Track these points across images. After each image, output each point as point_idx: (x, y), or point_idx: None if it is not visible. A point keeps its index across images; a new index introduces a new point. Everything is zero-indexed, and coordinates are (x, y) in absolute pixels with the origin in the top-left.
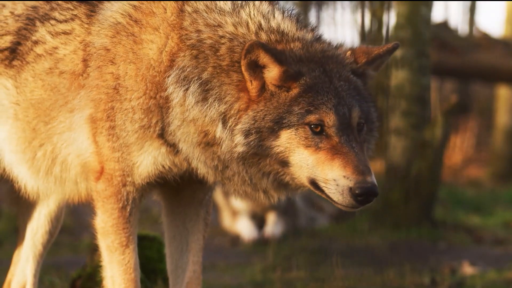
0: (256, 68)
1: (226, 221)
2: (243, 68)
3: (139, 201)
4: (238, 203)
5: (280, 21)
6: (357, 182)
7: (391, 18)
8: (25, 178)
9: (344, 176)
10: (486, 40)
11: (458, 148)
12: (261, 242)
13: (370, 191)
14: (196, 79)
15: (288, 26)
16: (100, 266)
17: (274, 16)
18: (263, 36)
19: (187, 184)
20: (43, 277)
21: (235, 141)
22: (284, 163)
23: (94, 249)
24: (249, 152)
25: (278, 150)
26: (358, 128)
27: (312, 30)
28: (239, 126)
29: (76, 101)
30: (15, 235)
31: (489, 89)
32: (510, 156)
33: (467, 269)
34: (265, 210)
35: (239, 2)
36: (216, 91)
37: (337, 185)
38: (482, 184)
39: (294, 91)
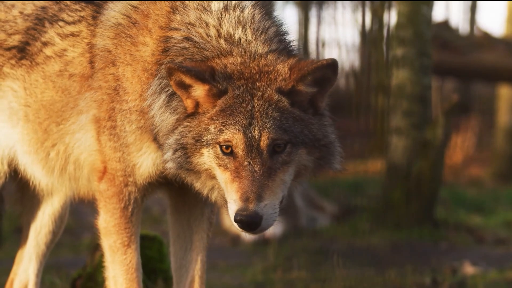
0: (186, 87)
1: (227, 221)
2: (173, 89)
3: (141, 201)
4: None
5: (243, 31)
6: (239, 208)
7: (392, 18)
8: (40, 177)
9: (234, 200)
10: (487, 40)
11: (459, 148)
12: (262, 242)
13: (245, 220)
14: (166, 91)
15: (248, 37)
16: (101, 266)
17: (242, 25)
18: (222, 45)
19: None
20: (44, 277)
21: (164, 156)
22: (217, 179)
23: (94, 249)
24: (178, 168)
25: (205, 167)
26: (277, 150)
27: (278, 41)
28: (169, 140)
29: (84, 102)
30: (17, 235)
31: (490, 88)
32: (511, 155)
33: (469, 269)
34: None
35: (233, 2)
36: (175, 103)
37: (229, 208)
38: (483, 184)
39: (214, 109)
